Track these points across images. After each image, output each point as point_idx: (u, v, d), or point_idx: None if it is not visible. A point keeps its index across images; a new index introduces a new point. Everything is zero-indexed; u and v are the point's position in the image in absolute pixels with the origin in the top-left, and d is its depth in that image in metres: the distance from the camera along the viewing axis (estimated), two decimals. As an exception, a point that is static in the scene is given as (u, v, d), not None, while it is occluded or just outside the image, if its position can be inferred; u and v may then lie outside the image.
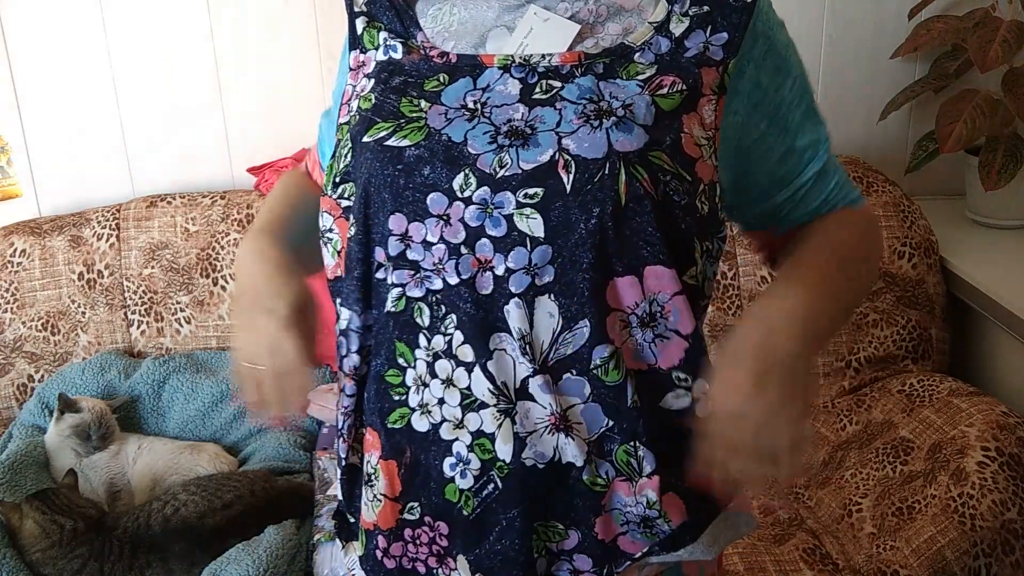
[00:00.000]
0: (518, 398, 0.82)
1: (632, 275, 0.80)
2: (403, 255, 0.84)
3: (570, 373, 0.81)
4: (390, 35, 0.91)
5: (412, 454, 0.86)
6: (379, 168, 0.84)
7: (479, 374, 0.82)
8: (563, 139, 0.80)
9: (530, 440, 0.82)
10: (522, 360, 0.81)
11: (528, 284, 0.80)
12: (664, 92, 0.82)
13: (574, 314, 0.80)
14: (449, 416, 0.84)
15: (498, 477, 0.83)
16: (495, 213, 0.80)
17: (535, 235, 0.80)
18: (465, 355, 0.82)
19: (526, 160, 0.80)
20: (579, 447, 0.82)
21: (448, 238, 0.82)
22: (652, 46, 0.85)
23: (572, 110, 0.82)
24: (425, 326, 0.84)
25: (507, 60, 0.85)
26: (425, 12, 0.93)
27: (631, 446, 0.82)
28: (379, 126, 0.85)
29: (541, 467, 0.82)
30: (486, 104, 0.84)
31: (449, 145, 0.82)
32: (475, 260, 0.81)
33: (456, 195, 0.81)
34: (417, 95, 0.86)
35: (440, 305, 0.83)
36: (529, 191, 0.80)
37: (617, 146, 0.80)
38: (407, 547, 0.88)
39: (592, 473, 0.82)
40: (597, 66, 0.84)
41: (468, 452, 0.83)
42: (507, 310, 0.81)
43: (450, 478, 0.84)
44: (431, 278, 0.83)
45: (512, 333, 0.81)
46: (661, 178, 0.80)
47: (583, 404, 0.82)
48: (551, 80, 0.84)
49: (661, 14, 0.86)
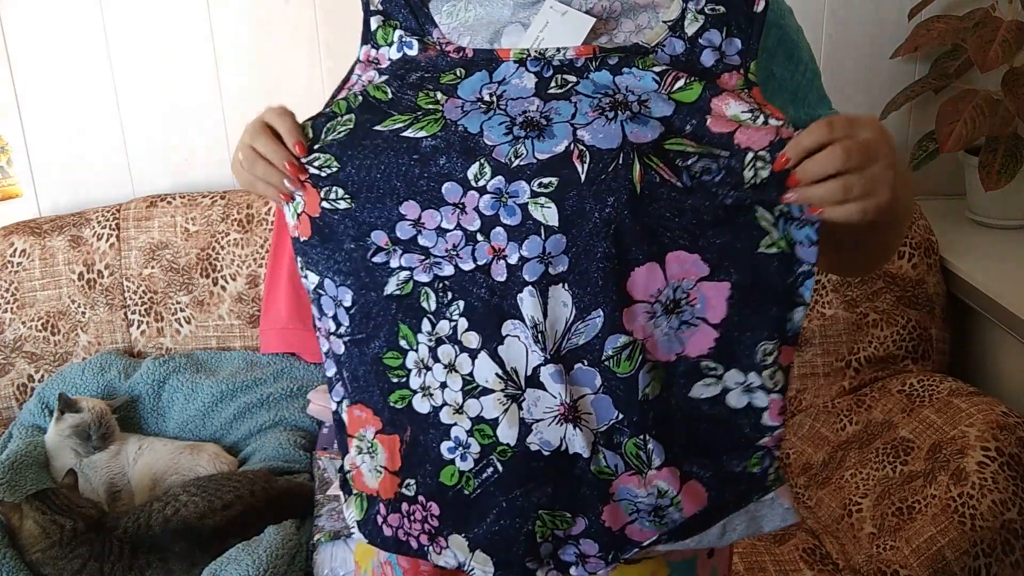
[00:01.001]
0: (528, 385, 0.82)
1: (653, 261, 0.80)
2: (414, 240, 0.84)
3: (582, 363, 0.82)
4: (405, 32, 0.92)
5: (413, 432, 0.87)
6: (394, 157, 0.85)
7: (485, 359, 0.83)
8: (578, 130, 0.81)
9: (536, 427, 0.83)
10: (534, 348, 0.82)
11: (542, 272, 0.81)
12: (681, 84, 0.82)
13: (588, 304, 0.81)
14: (450, 400, 0.85)
15: (498, 461, 0.84)
16: (510, 202, 0.81)
17: (550, 224, 0.80)
18: (470, 341, 0.83)
19: (541, 151, 0.81)
20: (586, 438, 0.82)
21: (464, 225, 0.83)
22: (666, 47, 0.85)
23: (587, 103, 0.82)
24: (431, 311, 0.84)
25: (523, 54, 0.86)
26: (439, 8, 0.94)
27: (641, 439, 0.82)
28: (395, 118, 0.86)
29: (546, 454, 0.83)
30: (502, 97, 0.85)
31: (465, 136, 0.83)
32: (490, 247, 0.82)
33: (471, 184, 0.83)
34: (434, 88, 0.87)
35: (448, 291, 0.84)
36: (544, 180, 0.81)
37: (632, 137, 0.80)
38: (403, 520, 0.90)
39: (599, 464, 0.83)
40: (611, 58, 0.84)
41: (468, 437, 0.85)
42: (520, 298, 0.81)
43: (448, 460, 0.85)
44: (441, 264, 0.84)
45: (525, 321, 0.82)
46: (681, 164, 0.80)
47: (593, 395, 0.82)
48: (566, 75, 0.84)
49: (676, 11, 0.86)
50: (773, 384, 0.82)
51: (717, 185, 0.79)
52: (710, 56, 0.85)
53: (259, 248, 2.05)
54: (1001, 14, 1.88)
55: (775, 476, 0.84)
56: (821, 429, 1.87)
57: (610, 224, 0.79)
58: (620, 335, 0.81)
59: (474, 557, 0.87)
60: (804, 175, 0.77)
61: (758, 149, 0.79)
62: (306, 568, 1.59)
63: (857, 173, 0.75)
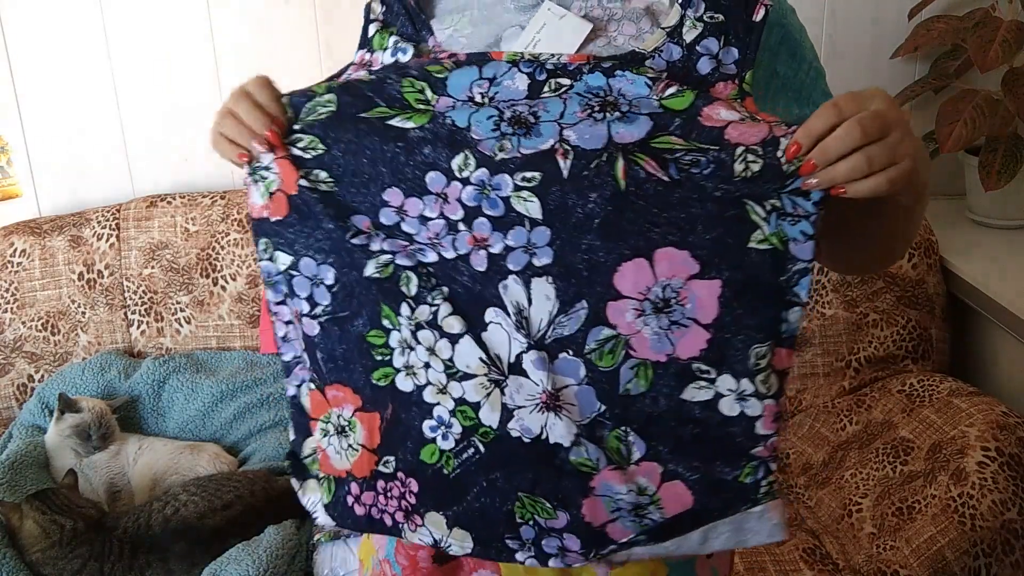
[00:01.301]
0: (511, 372, 0.82)
1: (641, 257, 0.80)
2: (398, 226, 0.85)
3: (566, 353, 0.81)
4: (401, 39, 0.92)
5: (394, 410, 0.87)
6: (379, 143, 0.85)
7: (469, 343, 0.82)
8: (564, 130, 0.81)
9: (518, 414, 0.83)
10: (516, 336, 0.82)
11: (526, 263, 0.81)
12: (673, 91, 0.82)
13: (572, 296, 0.80)
14: (434, 380, 0.85)
15: (480, 443, 0.84)
16: (492, 194, 0.82)
17: (533, 216, 0.81)
18: (451, 326, 0.83)
19: (526, 147, 0.81)
20: (567, 428, 0.82)
21: (447, 214, 0.83)
22: (663, 52, 0.85)
23: (577, 101, 0.82)
24: (411, 295, 0.84)
25: (516, 56, 0.86)
26: (442, 20, 0.94)
27: (622, 431, 0.81)
28: (381, 109, 0.86)
29: (527, 441, 0.83)
30: (494, 98, 0.85)
31: (453, 130, 0.83)
32: (471, 237, 0.82)
33: (455, 175, 0.83)
34: (419, 76, 0.86)
35: (431, 277, 0.84)
36: (527, 175, 0.81)
37: (617, 138, 0.80)
38: (378, 498, 0.89)
39: (580, 455, 0.82)
40: (606, 63, 0.84)
41: (450, 416, 0.84)
42: (504, 285, 0.81)
43: (430, 439, 0.85)
44: (424, 251, 0.84)
45: (507, 308, 0.82)
46: (669, 157, 0.79)
47: (577, 386, 0.82)
48: (560, 79, 0.84)
49: (674, 18, 0.86)
50: (767, 389, 0.80)
51: (706, 178, 0.79)
52: (707, 64, 0.84)
53: (259, 248, 2.05)
54: (1001, 14, 1.88)
55: (768, 490, 0.82)
56: (821, 429, 1.87)
57: (593, 219, 0.79)
58: (603, 327, 0.80)
59: (451, 534, 0.86)
60: (823, 156, 0.75)
61: (750, 144, 0.78)
62: (306, 568, 1.59)
63: (877, 144, 0.74)
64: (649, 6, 0.89)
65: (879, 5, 2.07)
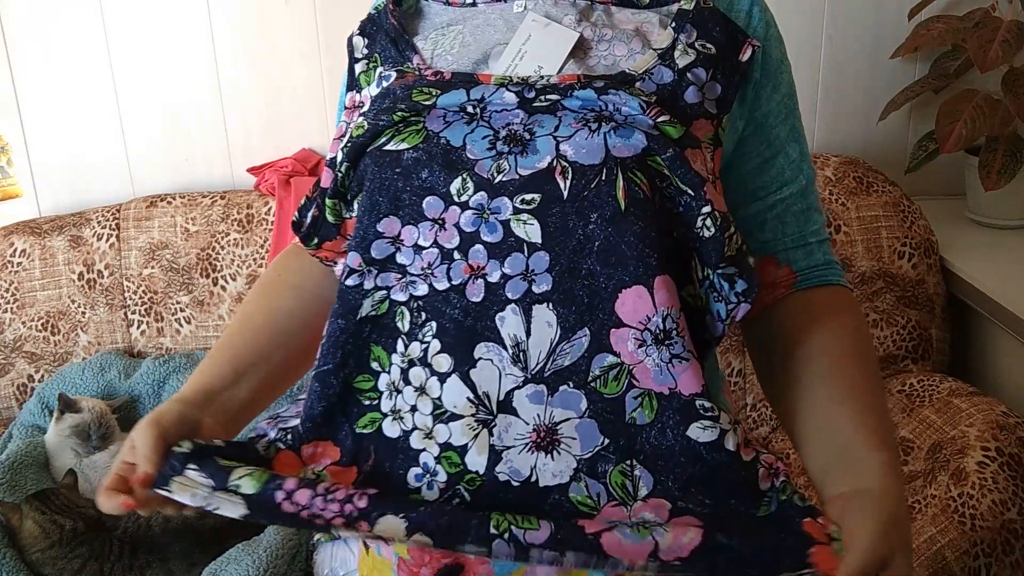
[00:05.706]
0: (499, 411, 0.79)
1: (640, 285, 0.77)
2: (392, 258, 0.83)
3: (567, 385, 0.78)
4: (385, 67, 0.90)
5: (376, 461, 0.83)
6: (377, 172, 0.83)
7: (456, 383, 0.79)
8: (561, 144, 0.79)
9: (506, 455, 0.79)
10: (511, 371, 0.78)
11: (525, 290, 0.78)
12: (667, 119, 0.80)
13: (573, 323, 0.78)
14: (420, 424, 0.81)
15: (466, 491, 0.79)
16: (491, 219, 0.79)
17: (532, 240, 0.78)
18: (440, 365, 0.80)
19: (524, 167, 0.79)
20: (565, 464, 0.78)
21: (441, 242, 0.81)
22: (654, 75, 0.83)
23: (572, 116, 0.81)
24: (404, 331, 0.82)
25: (504, 80, 0.84)
26: (426, 36, 0.92)
27: (627, 465, 0.78)
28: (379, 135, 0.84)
29: (515, 484, 0.79)
30: (485, 109, 0.83)
31: (448, 149, 0.81)
32: (467, 266, 0.80)
33: (453, 199, 0.80)
34: (406, 108, 0.84)
35: (421, 312, 0.81)
36: (526, 196, 0.79)
37: (614, 152, 0.78)
38: (315, 500, 0.78)
39: (580, 493, 0.78)
40: (596, 83, 0.82)
41: (436, 464, 0.80)
42: (501, 317, 0.79)
43: (414, 488, 0.80)
44: (416, 283, 0.81)
45: (504, 341, 0.79)
46: (659, 184, 0.79)
47: (579, 419, 0.78)
48: (549, 95, 0.82)
49: (666, 40, 0.85)
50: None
51: (676, 217, 0.79)
52: (694, 94, 0.83)
53: (259, 248, 2.05)
54: (1001, 14, 1.88)
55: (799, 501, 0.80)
56: (821, 429, 1.87)
57: (593, 241, 0.77)
58: (607, 355, 0.78)
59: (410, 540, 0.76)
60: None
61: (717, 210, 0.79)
62: (306, 568, 1.59)
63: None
64: (638, 27, 0.88)
65: (879, 5, 2.07)
